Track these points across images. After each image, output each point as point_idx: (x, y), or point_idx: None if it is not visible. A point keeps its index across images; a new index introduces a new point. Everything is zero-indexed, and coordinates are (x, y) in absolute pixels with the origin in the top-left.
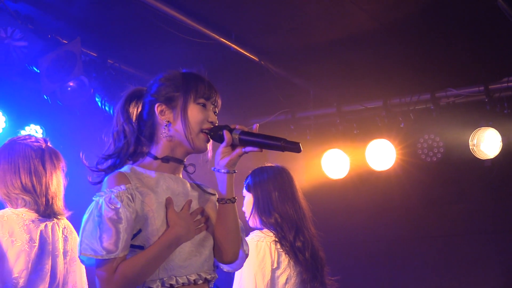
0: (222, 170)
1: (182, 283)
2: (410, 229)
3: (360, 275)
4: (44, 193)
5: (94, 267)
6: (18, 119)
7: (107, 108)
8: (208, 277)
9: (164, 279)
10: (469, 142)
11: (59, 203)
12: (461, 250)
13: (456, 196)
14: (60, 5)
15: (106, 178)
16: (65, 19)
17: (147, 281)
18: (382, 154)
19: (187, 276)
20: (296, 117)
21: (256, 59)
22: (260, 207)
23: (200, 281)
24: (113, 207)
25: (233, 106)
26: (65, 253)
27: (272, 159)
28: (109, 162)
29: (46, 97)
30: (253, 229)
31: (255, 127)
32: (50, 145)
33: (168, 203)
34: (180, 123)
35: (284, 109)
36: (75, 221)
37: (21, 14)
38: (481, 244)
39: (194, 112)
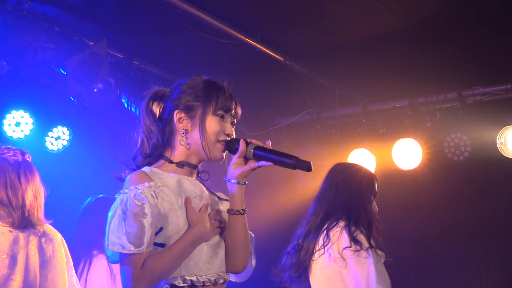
0: (233, 181)
1: (203, 282)
2: (437, 228)
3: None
4: (20, 206)
5: (120, 263)
6: (45, 121)
7: (133, 109)
8: (227, 277)
9: (185, 276)
10: (497, 140)
11: (36, 214)
12: (489, 249)
13: (484, 195)
14: (86, 7)
15: (128, 177)
16: (91, 21)
17: (169, 278)
18: (408, 153)
19: (207, 276)
20: (322, 117)
21: (282, 59)
22: None
23: (221, 280)
24: (139, 203)
25: (258, 106)
26: (43, 263)
27: None
28: (146, 160)
29: (72, 99)
30: None
31: (268, 143)
32: (28, 158)
33: (188, 202)
34: (197, 132)
35: (310, 109)
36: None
37: (48, 16)
38: (509, 243)
39: (211, 123)
